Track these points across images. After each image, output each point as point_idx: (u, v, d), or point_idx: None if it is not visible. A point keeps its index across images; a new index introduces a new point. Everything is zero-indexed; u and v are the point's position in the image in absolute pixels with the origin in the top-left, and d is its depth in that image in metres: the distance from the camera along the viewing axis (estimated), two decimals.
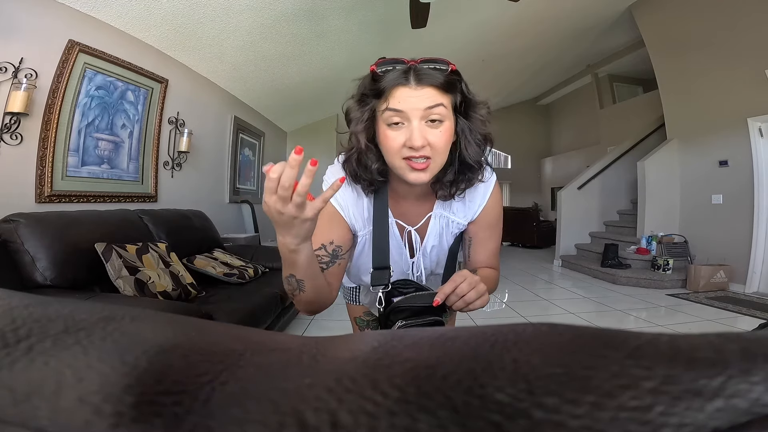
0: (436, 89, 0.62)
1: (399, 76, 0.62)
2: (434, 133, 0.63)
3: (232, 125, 4.08)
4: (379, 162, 0.70)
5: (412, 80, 0.61)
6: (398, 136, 0.63)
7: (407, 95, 0.61)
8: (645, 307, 3.25)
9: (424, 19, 2.72)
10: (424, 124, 0.62)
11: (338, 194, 0.74)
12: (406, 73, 0.62)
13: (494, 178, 0.78)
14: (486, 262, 0.81)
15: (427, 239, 0.80)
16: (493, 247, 0.82)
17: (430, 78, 0.62)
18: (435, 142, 0.63)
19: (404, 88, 0.62)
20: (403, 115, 0.62)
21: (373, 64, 0.65)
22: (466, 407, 0.09)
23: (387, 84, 0.62)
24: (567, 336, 0.11)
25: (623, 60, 6.48)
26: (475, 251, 0.81)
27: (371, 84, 0.65)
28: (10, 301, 0.15)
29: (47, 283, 1.53)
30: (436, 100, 0.61)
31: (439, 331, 0.14)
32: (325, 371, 0.11)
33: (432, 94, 0.62)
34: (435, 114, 0.62)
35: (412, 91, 0.61)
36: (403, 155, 0.64)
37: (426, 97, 0.61)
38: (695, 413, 0.08)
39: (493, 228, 0.81)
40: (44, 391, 0.10)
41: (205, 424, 0.09)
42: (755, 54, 3.51)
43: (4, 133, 1.85)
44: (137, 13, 2.47)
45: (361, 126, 0.67)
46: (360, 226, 0.77)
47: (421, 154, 0.63)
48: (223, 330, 0.15)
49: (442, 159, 0.66)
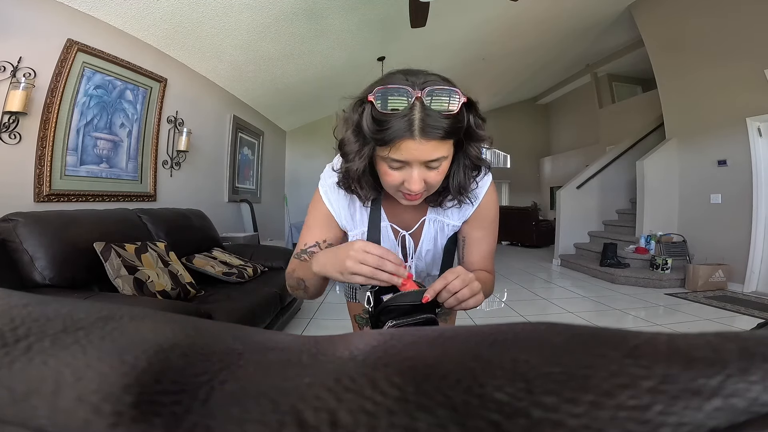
0: (441, 140, 0.59)
1: (404, 127, 0.57)
2: (432, 174, 0.63)
3: (231, 124, 4.08)
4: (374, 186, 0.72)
5: (417, 133, 0.57)
6: (397, 175, 0.63)
7: (412, 148, 0.59)
8: (644, 307, 3.26)
9: (424, 18, 2.72)
10: (424, 169, 0.62)
11: (332, 198, 0.77)
12: (410, 122, 0.57)
13: (489, 179, 0.77)
14: (480, 264, 0.80)
15: (421, 244, 0.80)
16: (486, 249, 0.80)
17: (436, 131, 0.58)
18: (431, 182, 0.64)
19: (409, 141, 0.58)
20: (405, 162, 0.62)
21: (371, 94, 0.59)
22: (465, 406, 0.09)
23: (391, 136, 0.58)
24: (566, 335, 0.12)
25: (622, 59, 6.49)
26: (469, 252, 0.80)
27: (373, 126, 0.59)
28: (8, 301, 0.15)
29: (46, 282, 1.52)
30: (439, 152, 0.60)
31: (438, 331, 0.14)
32: (325, 370, 0.11)
33: (436, 146, 0.59)
34: (436, 163, 0.62)
35: (416, 144, 0.58)
36: (400, 189, 0.65)
37: (430, 150, 0.59)
38: (693, 412, 0.08)
39: (487, 229, 0.80)
40: (43, 391, 0.10)
41: (204, 423, 0.09)
42: (754, 54, 3.51)
43: (3, 132, 1.84)
44: (136, 12, 2.46)
45: (358, 160, 0.65)
46: (351, 227, 0.79)
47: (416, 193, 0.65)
48: (222, 329, 0.15)
49: (435, 188, 0.68)
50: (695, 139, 4.24)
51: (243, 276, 2.33)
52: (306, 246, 0.77)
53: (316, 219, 0.79)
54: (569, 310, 3.17)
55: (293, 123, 6.19)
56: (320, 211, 0.78)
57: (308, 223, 0.80)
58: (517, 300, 3.50)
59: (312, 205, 0.80)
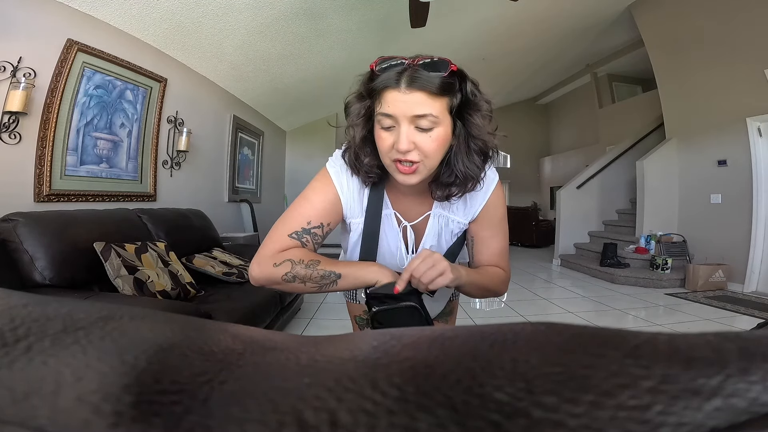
0: (428, 94, 0.60)
1: (391, 78, 0.61)
2: (423, 137, 0.62)
3: (231, 124, 4.08)
4: (373, 157, 0.69)
5: (403, 83, 0.60)
6: (389, 137, 0.63)
7: (397, 99, 0.60)
8: (644, 307, 3.26)
9: (424, 18, 2.72)
10: (413, 129, 0.61)
11: (342, 179, 0.73)
12: (399, 75, 0.60)
13: (496, 178, 0.77)
14: (490, 262, 0.80)
15: (425, 239, 0.79)
16: (497, 247, 0.80)
17: (421, 82, 0.59)
18: (424, 147, 0.62)
19: (394, 92, 0.60)
20: (393, 118, 0.61)
21: (374, 62, 0.64)
22: (465, 406, 0.09)
23: (378, 85, 0.62)
24: (566, 335, 0.12)
25: (622, 59, 6.49)
26: (479, 251, 0.80)
27: (367, 82, 0.65)
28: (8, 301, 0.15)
29: (46, 282, 1.52)
30: (424, 109, 0.60)
31: (438, 331, 0.14)
32: (325, 370, 0.11)
33: (422, 99, 0.60)
34: (424, 122, 0.61)
35: (402, 95, 0.60)
36: (392, 157, 0.64)
37: (415, 103, 0.60)
38: (693, 412, 0.08)
39: (496, 227, 0.79)
40: (43, 391, 0.10)
41: (204, 423, 0.09)
42: (754, 53, 3.51)
43: (3, 132, 1.84)
44: (136, 12, 2.46)
45: (357, 122, 0.67)
46: (358, 213, 0.76)
47: (407, 158, 0.62)
48: (222, 329, 0.15)
49: (433, 163, 0.65)
50: (695, 139, 4.24)
51: (243, 276, 2.33)
52: (309, 225, 0.71)
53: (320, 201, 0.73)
54: (569, 310, 3.17)
55: (293, 123, 6.19)
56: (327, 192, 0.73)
57: (310, 198, 0.73)
58: (518, 300, 3.50)
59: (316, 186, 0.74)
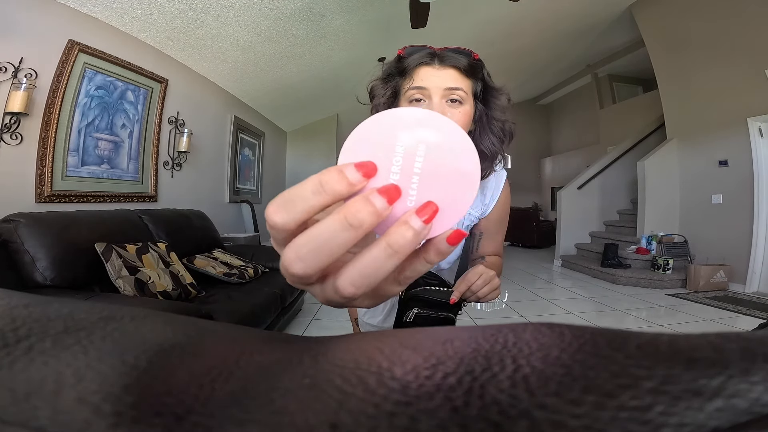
0: (459, 71, 0.64)
1: (424, 56, 0.65)
2: (454, 112, 0.64)
3: (232, 125, 4.08)
4: None
5: (436, 61, 0.64)
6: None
7: (430, 74, 0.64)
8: (645, 307, 3.25)
9: (424, 19, 2.72)
10: (444, 103, 0.64)
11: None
12: (431, 55, 0.65)
13: (504, 173, 0.81)
14: (493, 251, 0.85)
15: None
16: (500, 239, 0.86)
17: (453, 60, 0.64)
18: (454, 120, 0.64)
19: (427, 68, 0.65)
20: (425, 92, 0.64)
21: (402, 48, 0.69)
22: (465, 407, 0.09)
23: (411, 63, 0.66)
24: (567, 336, 0.11)
25: (623, 60, 6.48)
26: (485, 243, 0.84)
27: (396, 64, 0.69)
28: (9, 301, 0.15)
29: (47, 282, 1.53)
30: (457, 83, 0.64)
31: (438, 331, 0.14)
32: (326, 371, 0.11)
33: (454, 75, 0.64)
34: (455, 94, 0.64)
35: (435, 70, 0.64)
36: None
37: (448, 76, 0.64)
38: (695, 413, 0.08)
39: (502, 221, 0.85)
40: (44, 391, 0.10)
41: (205, 423, 0.09)
42: (755, 54, 3.51)
43: (4, 132, 1.85)
44: (137, 13, 2.47)
45: (383, 101, 0.70)
46: None
47: None
48: (223, 330, 0.15)
49: None
50: (696, 140, 4.24)
51: (244, 276, 2.33)
52: None
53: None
54: (570, 311, 3.16)
55: (294, 124, 6.20)
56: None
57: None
58: (518, 301, 3.50)
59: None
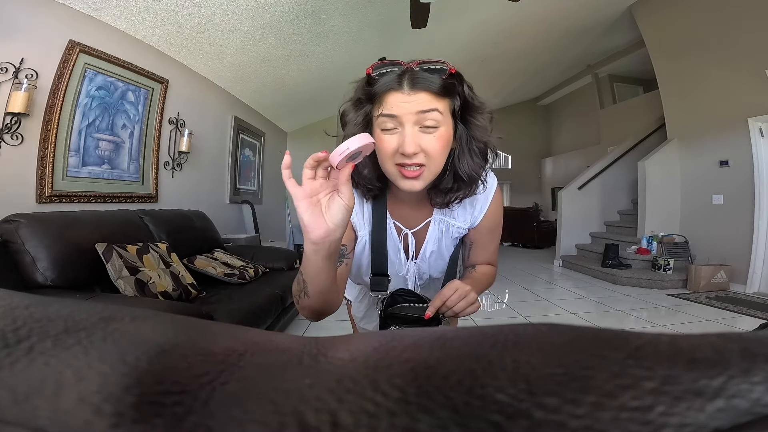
0: (431, 94, 0.60)
1: (393, 80, 0.60)
2: (428, 138, 0.60)
3: (233, 125, 4.08)
4: (372, 168, 0.68)
5: (406, 85, 0.59)
6: (392, 140, 0.61)
7: (400, 100, 0.59)
8: (645, 308, 3.25)
9: (424, 19, 2.72)
10: (417, 130, 0.60)
11: None
12: (400, 77, 0.60)
13: (495, 182, 0.77)
14: (485, 260, 0.82)
15: (426, 244, 0.79)
16: (493, 249, 0.83)
17: (424, 82, 0.59)
18: (429, 149, 0.60)
19: (398, 93, 0.60)
20: (396, 120, 0.60)
21: (370, 67, 0.64)
22: (466, 407, 0.09)
23: (380, 89, 0.61)
24: (567, 336, 0.11)
25: (623, 60, 6.48)
26: (475, 254, 0.82)
27: (366, 87, 0.64)
28: (10, 302, 0.15)
29: (48, 283, 1.53)
30: (430, 105, 0.59)
31: (439, 332, 0.14)
32: (326, 371, 0.11)
33: (426, 99, 0.59)
34: (429, 119, 0.59)
35: (406, 96, 0.59)
36: (396, 161, 0.62)
37: (420, 101, 0.59)
38: (696, 413, 0.08)
39: (494, 231, 0.81)
40: (44, 391, 0.10)
41: (205, 424, 0.09)
42: (755, 54, 3.51)
43: (5, 133, 1.85)
44: (138, 14, 2.47)
45: (355, 130, 0.65)
46: (360, 226, 0.77)
47: (413, 162, 0.61)
48: (224, 330, 0.15)
49: (437, 166, 0.63)
50: (697, 140, 4.23)
51: (244, 277, 2.33)
52: None
53: None
54: (571, 311, 3.16)
55: (294, 124, 6.20)
56: None
57: None
58: (519, 301, 3.50)
59: None
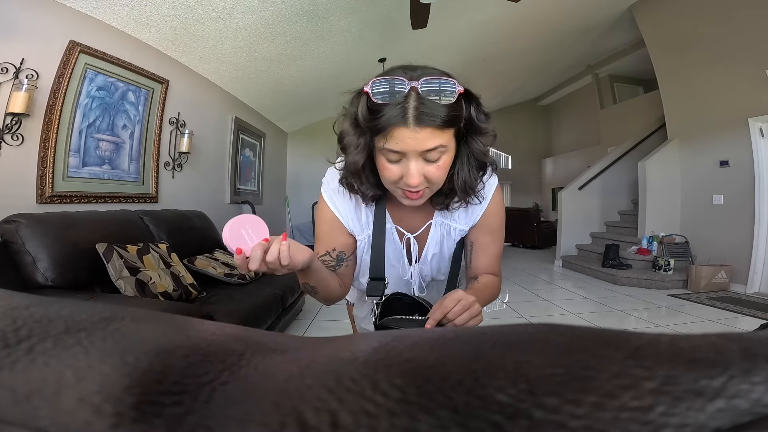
0: (437, 128, 0.57)
1: (398, 114, 0.56)
2: (431, 169, 0.61)
3: (233, 126, 4.09)
4: (374, 182, 0.69)
5: (412, 121, 0.56)
6: (396, 169, 0.62)
7: (406, 136, 0.57)
8: (646, 308, 3.25)
9: (425, 19, 2.73)
10: (422, 161, 0.60)
11: (337, 202, 0.75)
12: (404, 110, 0.56)
13: (496, 181, 0.76)
14: (487, 268, 0.79)
15: (427, 248, 0.79)
16: (494, 253, 0.80)
17: (431, 118, 0.56)
18: (432, 177, 0.62)
19: (402, 129, 0.56)
20: (401, 154, 0.60)
21: (367, 86, 0.58)
22: (466, 407, 0.09)
23: (384, 124, 0.57)
24: (568, 336, 0.11)
25: (624, 60, 6.48)
26: (477, 257, 0.79)
27: (367, 115, 0.59)
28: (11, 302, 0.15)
29: (48, 283, 1.53)
30: (435, 142, 0.58)
31: (439, 332, 0.14)
32: (326, 371, 0.11)
33: (432, 134, 0.57)
34: (433, 154, 0.59)
35: (411, 132, 0.56)
36: (399, 186, 0.63)
37: (425, 138, 0.57)
38: (696, 413, 0.08)
39: (495, 233, 0.79)
40: (45, 392, 0.10)
41: (205, 424, 0.09)
42: (756, 54, 3.50)
43: (5, 133, 1.85)
44: (138, 14, 2.47)
45: (356, 152, 0.64)
46: (359, 230, 0.77)
47: (416, 189, 0.62)
48: (224, 330, 0.15)
49: (438, 186, 0.65)
50: (697, 140, 4.23)
51: (244, 277, 2.33)
52: (318, 256, 0.76)
53: (322, 228, 0.77)
54: (571, 312, 3.16)
55: (294, 124, 6.20)
56: (326, 218, 0.76)
57: (317, 235, 0.78)
58: (519, 301, 3.49)
59: (318, 214, 0.78)
